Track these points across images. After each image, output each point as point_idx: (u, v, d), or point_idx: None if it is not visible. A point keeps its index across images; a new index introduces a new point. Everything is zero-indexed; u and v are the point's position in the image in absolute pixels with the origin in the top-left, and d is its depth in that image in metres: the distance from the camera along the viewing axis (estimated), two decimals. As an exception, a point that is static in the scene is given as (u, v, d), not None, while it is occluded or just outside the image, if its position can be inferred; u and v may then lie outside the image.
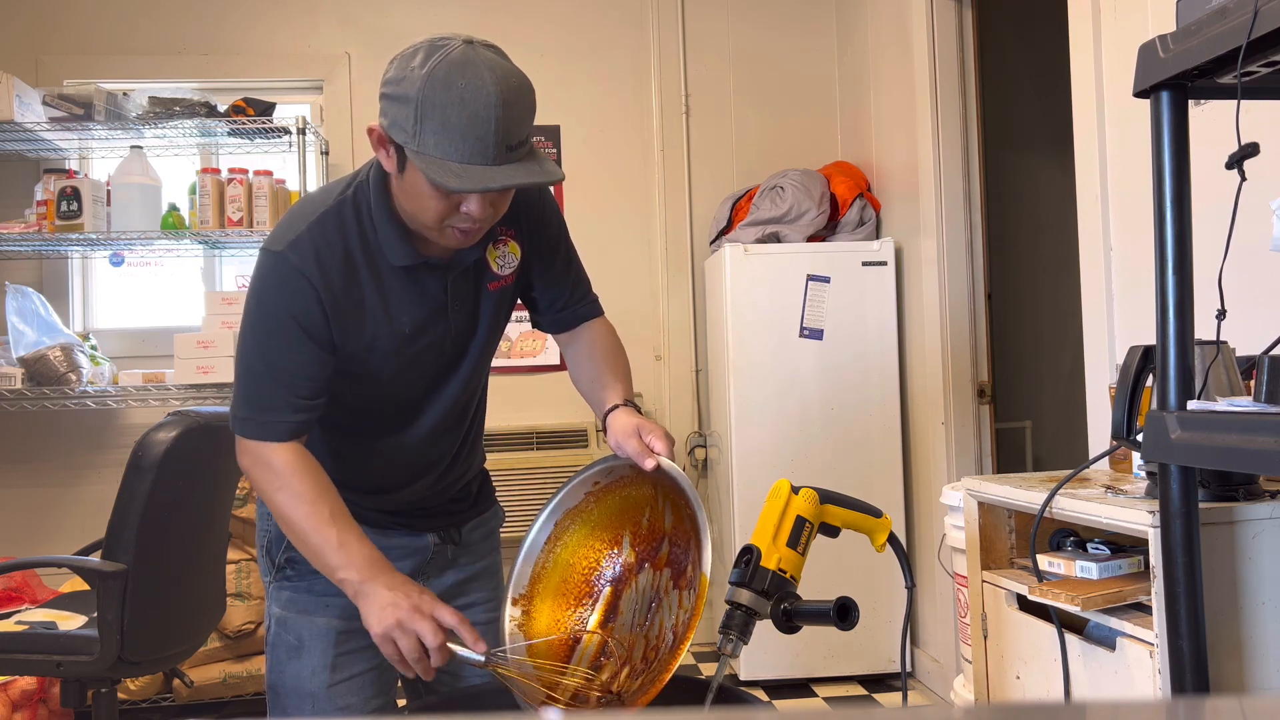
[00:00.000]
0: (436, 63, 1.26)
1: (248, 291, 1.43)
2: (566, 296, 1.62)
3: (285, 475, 1.40)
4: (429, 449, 1.58)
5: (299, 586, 1.56)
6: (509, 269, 1.54)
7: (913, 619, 3.54)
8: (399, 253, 1.42)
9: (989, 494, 1.83)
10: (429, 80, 1.25)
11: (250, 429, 1.42)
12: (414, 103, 1.26)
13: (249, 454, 1.44)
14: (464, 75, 1.25)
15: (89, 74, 3.86)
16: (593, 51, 4.15)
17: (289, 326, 1.38)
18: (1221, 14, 1.17)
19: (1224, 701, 0.82)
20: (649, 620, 1.36)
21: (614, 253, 4.07)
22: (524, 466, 3.85)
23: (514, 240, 1.54)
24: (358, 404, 1.51)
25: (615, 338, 1.65)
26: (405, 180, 1.34)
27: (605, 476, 1.45)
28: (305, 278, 1.37)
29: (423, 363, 1.49)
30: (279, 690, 1.56)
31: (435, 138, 1.26)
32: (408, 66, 1.28)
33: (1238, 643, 1.44)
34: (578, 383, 1.62)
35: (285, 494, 1.40)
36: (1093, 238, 2.37)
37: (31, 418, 3.76)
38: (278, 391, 1.40)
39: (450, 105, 1.25)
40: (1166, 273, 1.27)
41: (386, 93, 1.31)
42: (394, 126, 1.30)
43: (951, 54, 3.33)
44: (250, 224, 3.57)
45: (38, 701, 2.93)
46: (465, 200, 1.33)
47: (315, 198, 1.46)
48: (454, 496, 1.65)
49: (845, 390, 3.56)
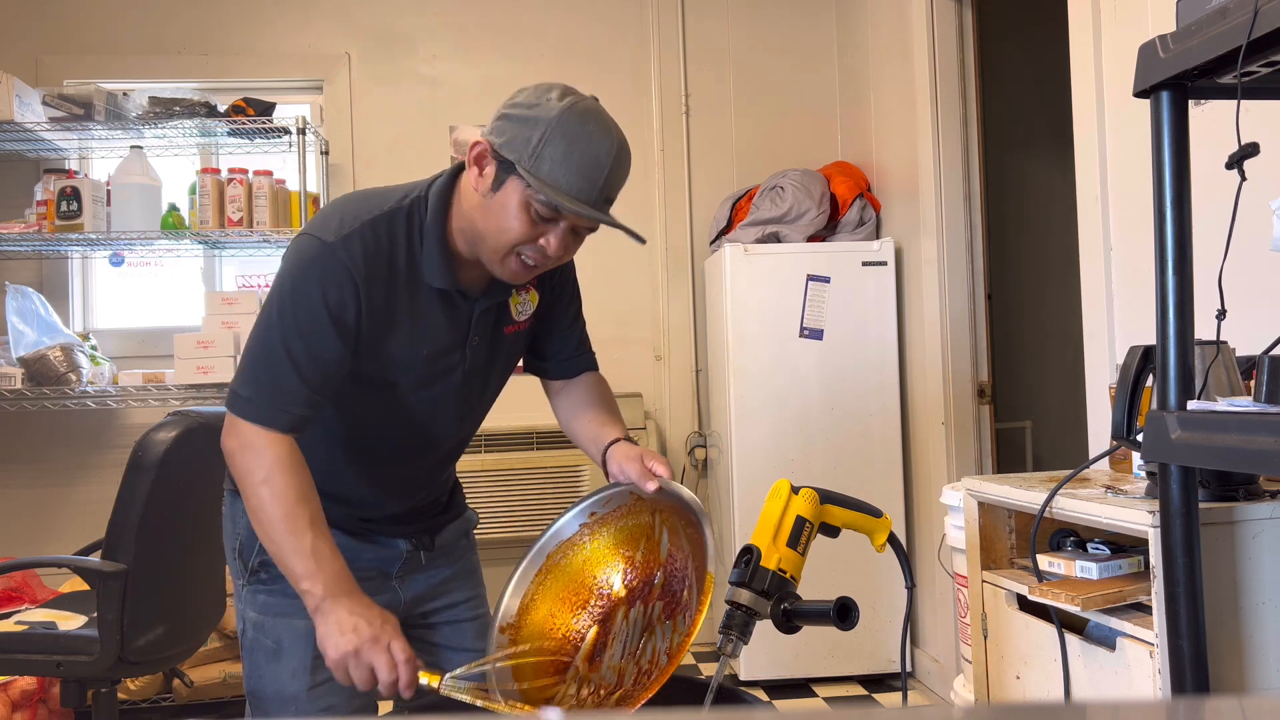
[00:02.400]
0: (574, 102, 1.35)
1: (282, 271, 1.41)
2: (573, 347, 1.67)
3: (273, 469, 1.37)
4: (417, 474, 1.60)
5: (274, 590, 1.54)
6: (525, 315, 1.58)
7: (913, 619, 3.54)
8: (438, 274, 1.44)
9: (989, 494, 1.83)
10: (567, 113, 1.33)
11: (252, 411, 1.38)
12: (543, 127, 1.32)
13: (239, 437, 1.39)
14: (596, 121, 1.35)
15: (89, 74, 3.86)
16: (593, 51, 4.15)
17: (321, 318, 1.37)
18: (1221, 14, 1.17)
19: (1224, 701, 0.82)
20: (640, 647, 1.35)
21: (614, 253, 4.06)
22: (524, 466, 3.85)
23: (535, 289, 1.59)
24: (358, 421, 1.51)
25: (609, 388, 1.71)
26: (495, 199, 1.37)
27: (603, 506, 1.45)
28: (350, 274, 1.38)
29: (433, 390, 1.50)
30: (259, 695, 1.55)
31: (551, 164, 1.32)
32: (544, 96, 1.35)
33: (1238, 643, 1.44)
34: (568, 419, 1.65)
35: (267, 489, 1.36)
36: (1093, 238, 2.37)
37: (31, 418, 3.76)
38: (293, 380, 1.38)
39: (577, 141, 1.32)
40: (1166, 273, 1.27)
41: (511, 114, 1.35)
42: (509, 145, 1.34)
43: (951, 54, 3.33)
44: (250, 224, 3.57)
45: (38, 701, 2.93)
46: (548, 232, 1.38)
47: (370, 198, 1.46)
48: (427, 506, 1.66)
49: (845, 390, 3.56)
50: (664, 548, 1.40)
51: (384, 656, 1.31)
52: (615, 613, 1.40)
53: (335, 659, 1.32)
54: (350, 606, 1.34)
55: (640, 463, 1.41)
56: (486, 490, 3.82)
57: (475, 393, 1.56)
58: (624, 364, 4.06)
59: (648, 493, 1.39)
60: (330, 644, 1.32)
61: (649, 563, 1.41)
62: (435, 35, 4.08)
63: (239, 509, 1.57)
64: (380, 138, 4.02)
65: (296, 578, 1.36)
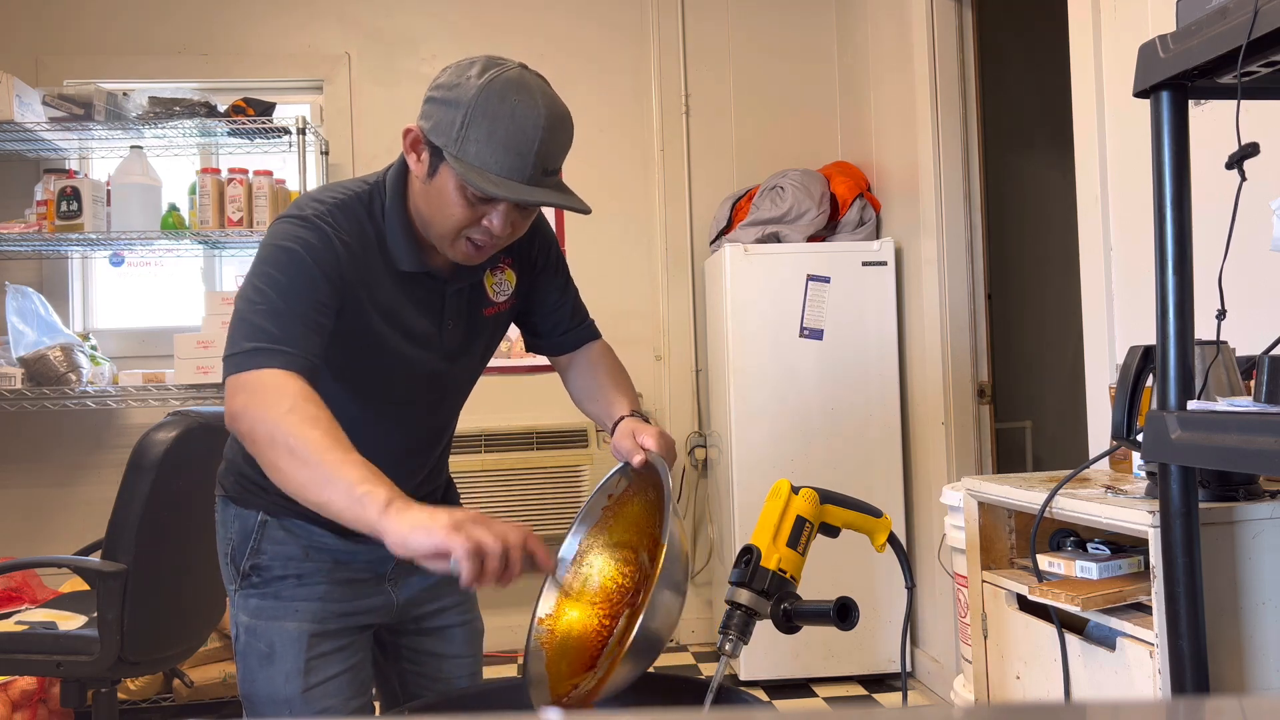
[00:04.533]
0: (493, 76, 1.29)
1: (261, 249, 1.36)
2: (567, 321, 1.65)
3: (298, 399, 1.23)
4: (401, 463, 1.57)
5: (265, 593, 1.52)
6: (504, 296, 1.56)
7: (913, 619, 3.54)
8: (406, 258, 1.42)
9: (989, 494, 1.83)
10: (484, 91, 1.28)
11: (260, 358, 1.27)
12: (464, 108, 1.28)
13: (246, 387, 1.26)
14: (517, 93, 1.29)
15: (89, 74, 3.86)
16: (592, 51, 4.15)
17: (313, 272, 1.33)
18: (1221, 14, 1.17)
19: (1224, 701, 0.82)
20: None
21: (614, 253, 4.07)
22: (524, 466, 3.85)
23: (511, 269, 1.56)
24: (336, 409, 1.49)
25: (615, 356, 1.68)
26: (433, 185, 1.35)
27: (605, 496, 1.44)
28: (333, 239, 1.36)
29: (411, 374, 1.49)
30: (254, 699, 1.53)
31: (477, 146, 1.28)
32: (464, 75, 1.31)
33: (1238, 643, 1.44)
34: (580, 399, 1.63)
35: (297, 415, 1.22)
36: (1093, 238, 2.37)
37: (31, 418, 3.76)
38: (298, 327, 1.30)
39: (499, 118, 1.28)
40: (1166, 273, 1.27)
41: (434, 96, 1.33)
42: (435, 129, 1.32)
43: (951, 54, 3.33)
44: (250, 224, 3.57)
45: (38, 701, 2.93)
46: (489, 213, 1.35)
47: (333, 187, 1.45)
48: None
49: (845, 390, 3.56)
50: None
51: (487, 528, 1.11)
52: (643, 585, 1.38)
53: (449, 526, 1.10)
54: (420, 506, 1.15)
55: (631, 438, 1.38)
56: (486, 490, 3.82)
57: (453, 376, 1.54)
58: (624, 364, 4.05)
59: (635, 467, 1.36)
60: (437, 522, 1.10)
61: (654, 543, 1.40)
62: (435, 35, 4.08)
63: (230, 514, 1.56)
64: (380, 138, 4.02)
65: (350, 485, 1.15)
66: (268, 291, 1.32)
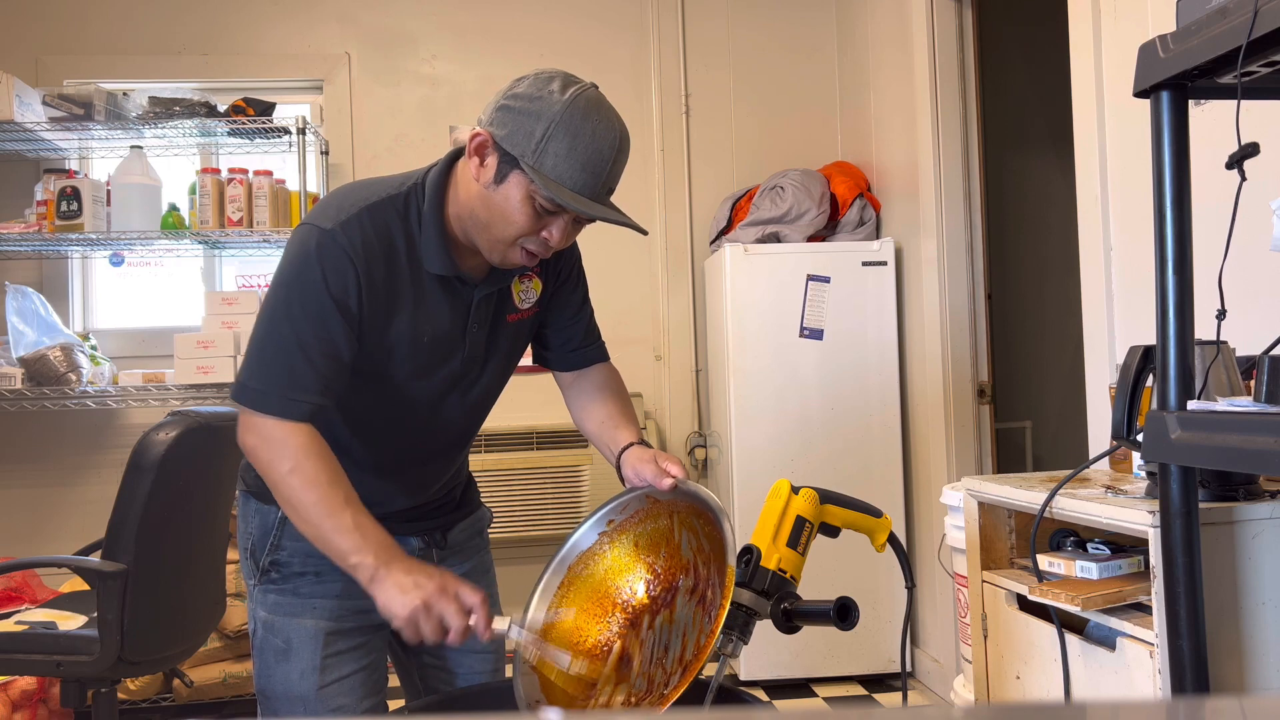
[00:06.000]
0: (577, 94, 1.33)
1: (284, 262, 1.40)
2: (580, 338, 1.66)
3: (299, 457, 1.35)
4: (424, 466, 1.58)
5: (284, 589, 1.54)
6: (529, 304, 1.57)
7: (913, 619, 3.54)
8: (438, 261, 1.43)
9: (989, 494, 1.83)
10: (570, 107, 1.31)
11: (268, 404, 1.36)
12: (548, 121, 1.31)
13: (256, 432, 1.38)
14: (599, 114, 1.34)
15: (89, 74, 3.86)
16: (592, 51, 4.15)
17: (327, 305, 1.37)
18: (1221, 14, 1.17)
19: (1224, 701, 0.82)
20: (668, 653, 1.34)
21: (614, 253, 4.07)
22: (524, 466, 3.85)
23: (538, 277, 1.58)
24: (360, 412, 1.50)
25: (621, 381, 1.70)
26: (498, 191, 1.36)
27: (620, 513, 1.44)
28: (351, 260, 1.37)
29: (434, 378, 1.50)
30: (269, 694, 1.55)
31: (555, 159, 1.31)
32: (545, 88, 1.33)
33: (1238, 643, 1.44)
34: (582, 418, 1.65)
35: (297, 477, 1.35)
36: (1093, 238, 2.37)
37: (31, 418, 3.76)
38: (306, 369, 1.36)
39: (581, 135, 1.31)
40: (1166, 273, 1.27)
41: (512, 106, 1.34)
42: (510, 138, 1.33)
43: (951, 54, 3.33)
44: (250, 224, 3.57)
45: (38, 701, 2.93)
46: (551, 224, 1.38)
47: (368, 185, 1.46)
48: (439, 503, 1.65)
49: (845, 390, 3.56)
50: (685, 550, 1.39)
51: (453, 604, 1.30)
52: (641, 620, 1.39)
53: (405, 617, 1.29)
54: (405, 568, 1.32)
55: (654, 464, 1.40)
56: (486, 490, 3.80)
57: (477, 381, 1.55)
58: (624, 364, 3.99)
59: (664, 492, 1.38)
60: (396, 605, 1.29)
61: (671, 568, 1.40)
62: (435, 35, 4.09)
63: (251, 509, 1.57)
64: (380, 138, 4.02)
65: (344, 554, 1.33)
66: (284, 332, 1.37)
